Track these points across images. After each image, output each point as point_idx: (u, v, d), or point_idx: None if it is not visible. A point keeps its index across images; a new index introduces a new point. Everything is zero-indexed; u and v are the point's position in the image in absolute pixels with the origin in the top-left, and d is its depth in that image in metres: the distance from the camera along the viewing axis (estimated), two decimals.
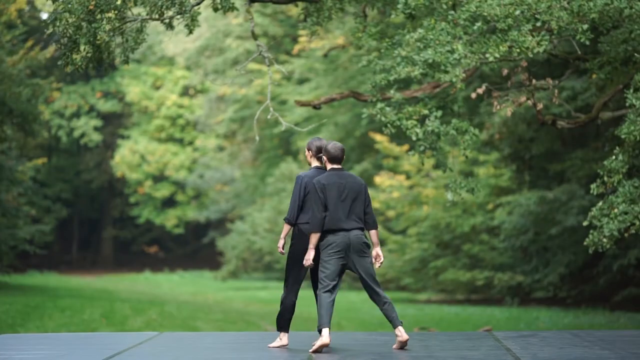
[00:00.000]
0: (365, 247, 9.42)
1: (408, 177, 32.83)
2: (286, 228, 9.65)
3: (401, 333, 9.42)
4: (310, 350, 9.32)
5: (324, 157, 9.59)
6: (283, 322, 9.73)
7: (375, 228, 9.55)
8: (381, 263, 9.59)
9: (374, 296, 9.51)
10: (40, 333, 16.37)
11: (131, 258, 52.74)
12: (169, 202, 50.55)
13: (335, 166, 9.53)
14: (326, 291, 9.33)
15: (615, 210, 12.06)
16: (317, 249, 9.44)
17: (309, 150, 9.76)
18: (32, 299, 24.63)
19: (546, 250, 27.12)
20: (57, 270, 45.03)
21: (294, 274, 9.66)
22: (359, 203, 9.46)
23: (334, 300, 9.36)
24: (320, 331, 9.24)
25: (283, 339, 9.79)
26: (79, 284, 36.56)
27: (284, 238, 9.66)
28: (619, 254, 23.48)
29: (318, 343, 9.25)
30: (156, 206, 50.12)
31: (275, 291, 35.09)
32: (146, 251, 53.60)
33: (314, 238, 9.36)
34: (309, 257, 9.37)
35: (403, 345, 9.48)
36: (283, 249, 9.67)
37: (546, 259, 27.14)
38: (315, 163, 9.73)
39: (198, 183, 48.38)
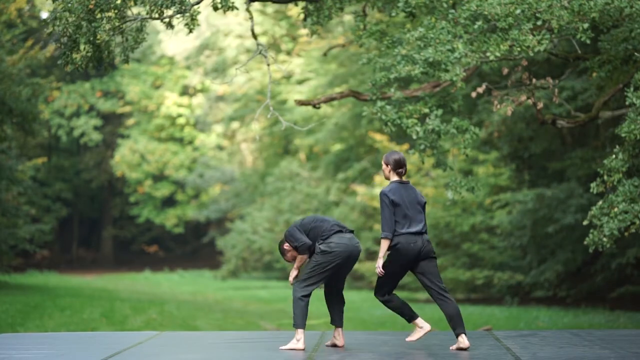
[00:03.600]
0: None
1: (408, 176, 32.82)
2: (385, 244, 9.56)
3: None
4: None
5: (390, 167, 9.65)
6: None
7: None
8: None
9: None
10: (40, 332, 16.36)
11: (131, 257, 52.74)
12: (169, 202, 50.56)
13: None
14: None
15: (615, 209, 12.06)
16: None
17: (387, 164, 9.69)
18: (32, 299, 24.62)
19: (544, 248, 27.12)
20: (57, 269, 45.01)
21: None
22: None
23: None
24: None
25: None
26: (79, 284, 36.55)
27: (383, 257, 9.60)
28: (617, 252, 23.49)
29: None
30: (156, 205, 50.12)
31: (275, 290, 35.10)
32: (146, 250, 53.60)
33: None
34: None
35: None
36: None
37: (544, 256, 27.16)
38: (394, 177, 9.70)
39: (198, 182, 48.38)
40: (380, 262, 9.46)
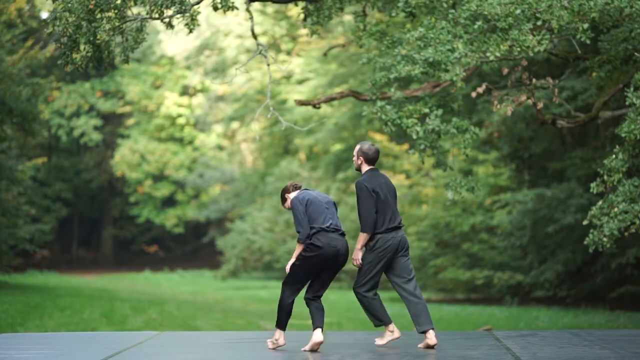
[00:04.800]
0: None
1: (408, 176, 32.84)
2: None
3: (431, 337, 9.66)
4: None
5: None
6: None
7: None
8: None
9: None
10: (40, 332, 16.36)
11: (131, 257, 52.74)
12: (169, 202, 50.56)
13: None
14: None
15: (615, 209, 12.05)
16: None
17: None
18: (32, 298, 24.62)
19: (544, 248, 27.13)
20: (57, 269, 45.01)
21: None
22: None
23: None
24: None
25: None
26: (79, 284, 36.55)
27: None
28: (617, 252, 23.49)
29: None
30: (156, 205, 50.13)
31: (275, 290, 35.08)
32: (146, 250, 53.60)
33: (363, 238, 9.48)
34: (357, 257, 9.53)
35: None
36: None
37: (544, 257, 27.16)
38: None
39: (198, 182, 48.39)
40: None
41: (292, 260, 9.40)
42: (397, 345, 9.87)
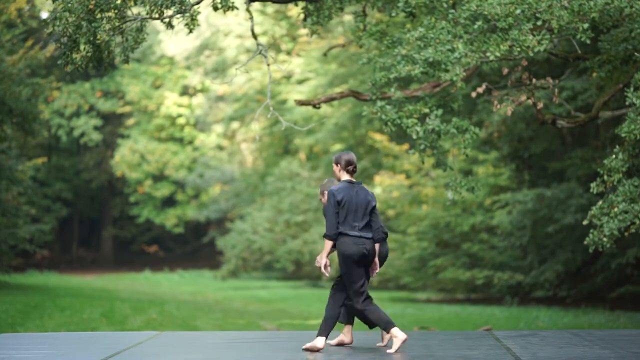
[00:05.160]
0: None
1: (408, 176, 32.84)
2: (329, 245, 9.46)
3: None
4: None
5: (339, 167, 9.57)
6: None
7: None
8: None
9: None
10: (40, 332, 16.36)
11: (131, 257, 52.74)
12: (169, 202, 50.56)
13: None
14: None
15: (615, 209, 12.05)
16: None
17: (337, 164, 9.60)
18: (32, 298, 24.62)
19: (544, 248, 27.13)
20: (57, 269, 45.01)
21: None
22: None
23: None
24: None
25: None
26: (79, 284, 36.55)
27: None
28: (617, 252, 23.49)
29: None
30: (156, 205, 50.13)
31: (275, 290, 35.10)
32: (146, 250, 53.60)
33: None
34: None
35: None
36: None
37: (544, 257, 27.16)
38: (345, 176, 9.63)
39: (198, 182, 48.38)
40: (323, 259, 9.34)
41: None
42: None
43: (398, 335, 9.22)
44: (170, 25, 13.01)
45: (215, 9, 13.00)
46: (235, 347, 10.08)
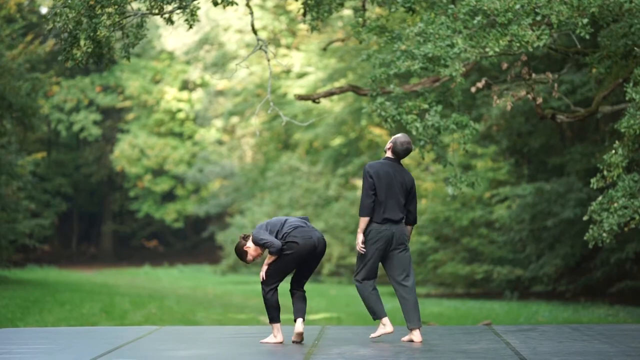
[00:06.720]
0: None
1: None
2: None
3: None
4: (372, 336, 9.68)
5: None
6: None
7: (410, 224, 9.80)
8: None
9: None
10: (40, 327, 16.38)
11: (131, 252, 52.76)
12: (169, 196, 50.56)
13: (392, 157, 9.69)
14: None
15: (615, 205, 12.07)
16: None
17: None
18: (31, 293, 24.63)
19: (543, 242, 27.14)
20: (57, 264, 45.01)
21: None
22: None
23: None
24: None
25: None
26: (79, 278, 36.56)
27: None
28: (616, 247, 23.50)
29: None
30: (156, 200, 50.13)
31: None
32: (146, 245, 53.62)
33: (362, 223, 9.57)
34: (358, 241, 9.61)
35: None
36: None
37: (543, 251, 27.17)
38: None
39: (198, 177, 48.38)
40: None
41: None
42: (393, 340, 9.88)
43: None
44: (170, 21, 13.00)
45: (215, 4, 13.00)
46: (235, 342, 10.09)
